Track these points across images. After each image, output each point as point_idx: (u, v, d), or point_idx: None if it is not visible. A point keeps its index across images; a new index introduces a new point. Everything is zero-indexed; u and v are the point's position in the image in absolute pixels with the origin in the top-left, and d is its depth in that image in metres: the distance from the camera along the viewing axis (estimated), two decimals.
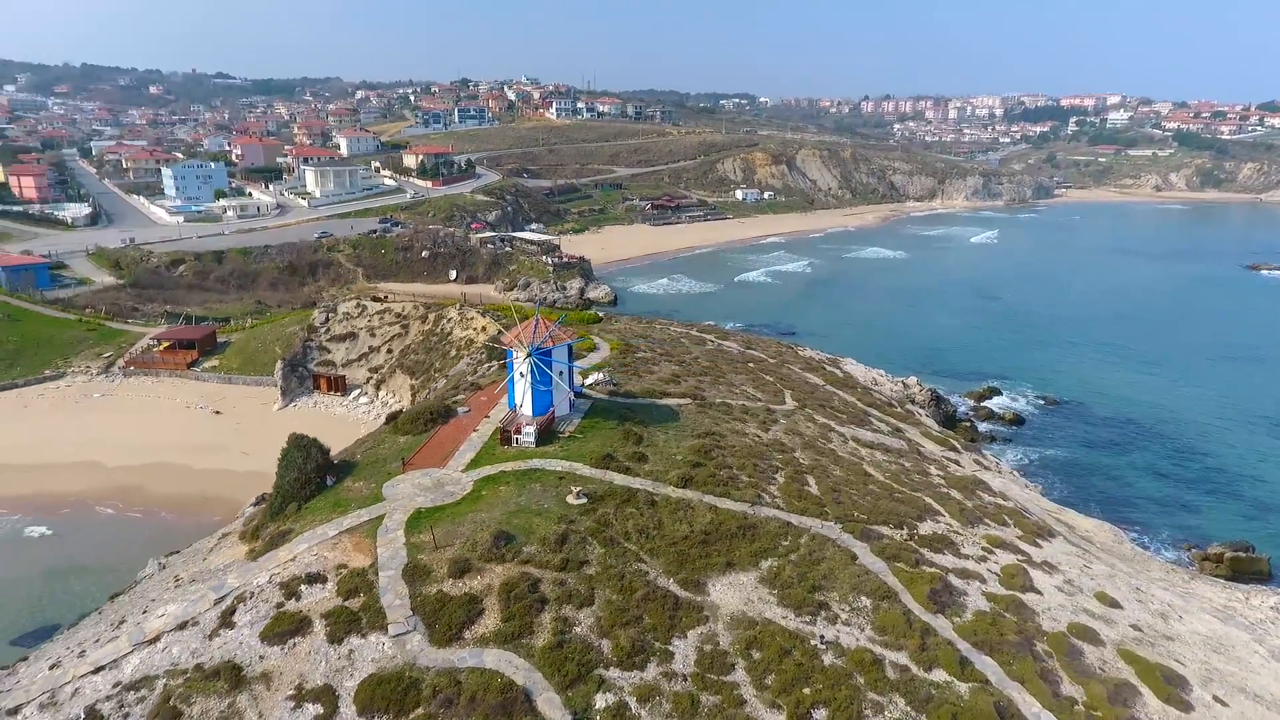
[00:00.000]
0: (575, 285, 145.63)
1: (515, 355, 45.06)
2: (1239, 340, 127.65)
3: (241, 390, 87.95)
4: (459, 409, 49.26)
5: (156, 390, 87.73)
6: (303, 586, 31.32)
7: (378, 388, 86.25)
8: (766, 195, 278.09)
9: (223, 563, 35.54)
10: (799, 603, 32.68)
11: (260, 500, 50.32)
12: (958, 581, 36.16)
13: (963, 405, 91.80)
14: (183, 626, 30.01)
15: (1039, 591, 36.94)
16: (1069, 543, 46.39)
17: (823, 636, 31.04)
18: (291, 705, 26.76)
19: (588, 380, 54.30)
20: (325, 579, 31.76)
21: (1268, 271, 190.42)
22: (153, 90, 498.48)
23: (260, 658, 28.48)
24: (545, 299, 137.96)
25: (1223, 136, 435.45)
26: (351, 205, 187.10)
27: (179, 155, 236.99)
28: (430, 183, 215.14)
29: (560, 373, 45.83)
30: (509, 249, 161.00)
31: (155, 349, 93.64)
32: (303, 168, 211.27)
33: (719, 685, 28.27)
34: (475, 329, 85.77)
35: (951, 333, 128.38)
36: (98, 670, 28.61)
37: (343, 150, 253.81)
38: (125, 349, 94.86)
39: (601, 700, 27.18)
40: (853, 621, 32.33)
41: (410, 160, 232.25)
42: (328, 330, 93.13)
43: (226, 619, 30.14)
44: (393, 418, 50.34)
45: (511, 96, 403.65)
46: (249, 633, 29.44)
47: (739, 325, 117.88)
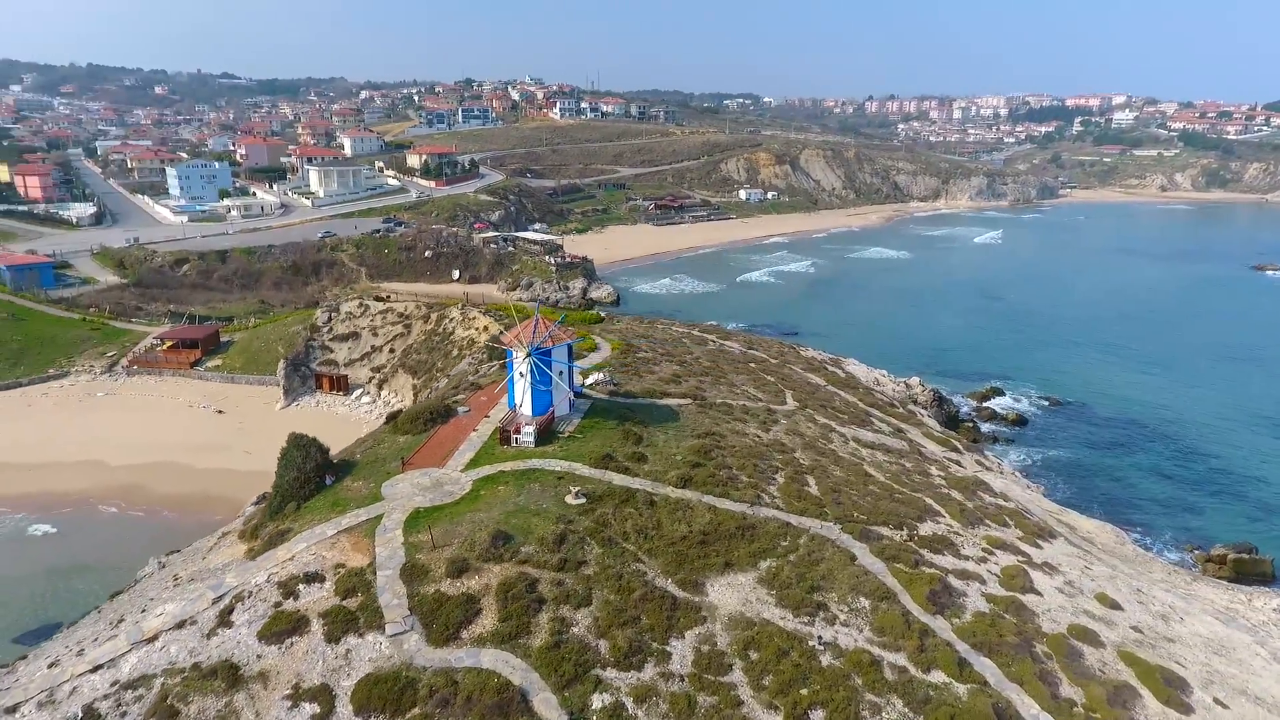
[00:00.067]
0: (578, 285, 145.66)
1: (515, 355, 45.06)
2: (1243, 341, 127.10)
3: (244, 389, 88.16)
4: (459, 409, 49.28)
5: (160, 389, 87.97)
6: (301, 586, 31.35)
7: (380, 387, 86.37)
8: (770, 195, 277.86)
9: (221, 562, 35.61)
10: (797, 603, 32.61)
11: (261, 499, 50.34)
12: (957, 582, 36.05)
13: (965, 406, 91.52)
14: (181, 625, 30.06)
15: (1039, 593, 36.81)
16: (1070, 544, 46.21)
17: (820, 637, 30.98)
18: (288, 705, 26.78)
19: (588, 380, 54.28)
20: (323, 578, 31.78)
21: (1273, 272, 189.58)
22: (158, 90, 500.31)
23: (258, 657, 28.52)
24: (548, 299, 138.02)
25: (1228, 136, 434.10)
26: (355, 205, 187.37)
27: (183, 155, 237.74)
28: (434, 183, 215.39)
29: (560, 373, 45.81)
30: (512, 249, 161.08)
31: (158, 348, 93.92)
32: (306, 168, 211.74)
33: (716, 686, 28.22)
34: (477, 329, 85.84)
35: (955, 333, 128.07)
36: (96, 669, 28.66)
37: (347, 150, 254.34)
38: (129, 348, 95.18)
39: (598, 700, 27.15)
40: (851, 622, 32.25)
41: (414, 160, 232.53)
42: (330, 330, 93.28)
43: (224, 618, 30.18)
44: (392, 417, 50.38)
45: (515, 96, 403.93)
46: (246, 632, 29.48)
47: (741, 325, 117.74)
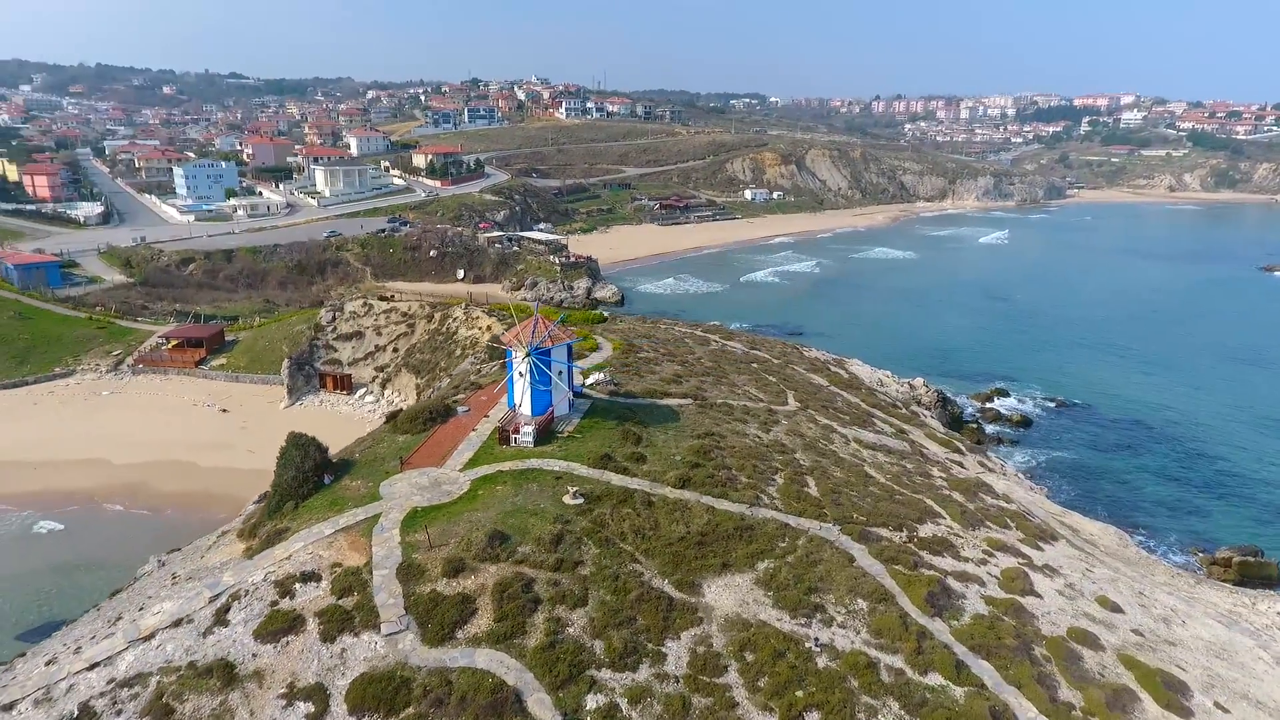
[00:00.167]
0: (582, 285, 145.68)
1: (514, 355, 45.04)
2: (1251, 343, 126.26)
3: (248, 388, 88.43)
4: (458, 408, 49.30)
5: (164, 388, 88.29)
6: (297, 585, 31.39)
7: (384, 386, 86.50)
8: (775, 195, 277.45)
9: (219, 561, 35.70)
10: (794, 605, 32.50)
11: (262, 498, 50.39)
12: (956, 584, 35.89)
13: (970, 407, 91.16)
14: (177, 624, 30.13)
15: (1039, 595, 36.62)
16: (1072, 546, 45.97)
17: (817, 639, 30.85)
18: (283, 704, 26.82)
19: (588, 380, 54.23)
20: (320, 577, 31.82)
21: None
22: (166, 90, 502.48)
23: (253, 656, 28.56)
24: (552, 298, 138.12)
25: (1238, 136, 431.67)
26: (361, 204, 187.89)
27: (190, 155, 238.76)
28: (439, 182, 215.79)
29: (559, 372, 45.77)
30: (516, 249, 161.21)
31: (164, 347, 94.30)
32: (313, 167, 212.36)
33: (711, 687, 28.14)
34: (480, 328, 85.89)
35: (960, 334, 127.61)
36: (93, 667, 28.75)
37: (353, 150, 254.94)
38: (134, 347, 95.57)
39: (592, 701, 27.10)
40: (848, 624, 32.12)
41: (419, 160, 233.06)
42: (334, 329, 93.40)
43: (221, 617, 30.25)
44: (392, 417, 50.45)
45: (521, 96, 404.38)
46: (243, 630, 29.53)
47: (745, 325, 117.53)
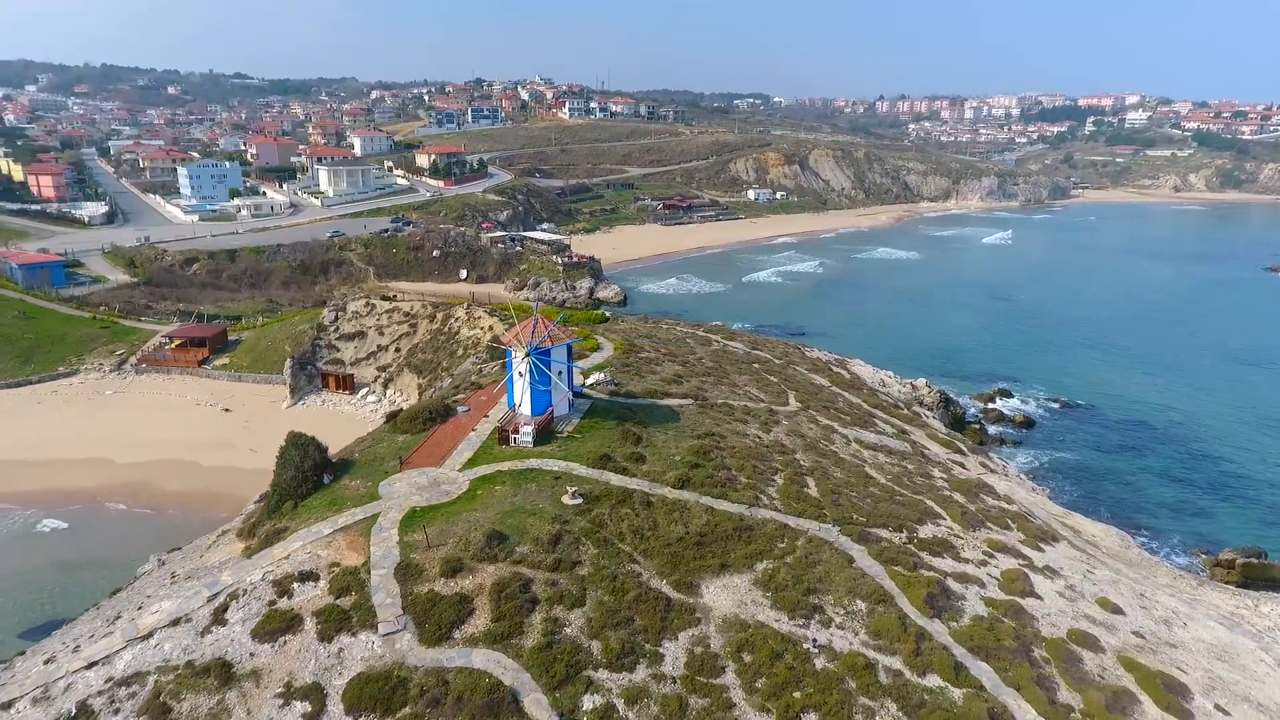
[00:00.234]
0: (585, 285, 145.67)
1: (514, 355, 45.02)
2: (1255, 344, 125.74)
3: (251, 388, 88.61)
4: (458, 408, 49.29)
5: (168, 387, 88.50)
6: (295, 584, 31.39)
7: (385, 386, 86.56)
8: (779, 195, 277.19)
9: (218, 560, 35.74)
10: (793, 605, 32.41)
11: (263, 498, 50.50)
12: (956, 586, 35.75)
13: (972, 407, 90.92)
14: (176, 623, 30.16)
15: (1039, 597, 36.47)
16: (1074, 547, 45.79)
17: (815, 640, 30.77)
18: (280, 703, 26.83)
19: (589, 380, 54.19)
20: (318, 577, 31.82)
21: None
22: (170, 90, 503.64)
23: (251, 655, 28.58)
24: (555, 299, 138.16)
25: (1243, 137, 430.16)
26: (364, 204, 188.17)
27: (195, 155, 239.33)
28: (443, 182, 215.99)
29: (559, 372, 45.74)
30: (519, 249, 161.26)
31: (167, 347, 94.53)
32: (316, 167, 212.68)
33: (708, 688, 28.08)
34: (482, 328, 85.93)
35: (963, 334, 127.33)
36: (91, 665, 28.79)
37: (356, 150, 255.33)
38: (138, 346, 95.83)
39: (589, 701, 27.05)
40: (847, 625, 32.03)
41: (423, 160, 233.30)
42: (337, 329, 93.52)
43: (219, 616, 30.26)
44: (392, 416, 50.47)
45: (525, 96, 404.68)
46: (240, 630, 29.54)
47: (748, 325, 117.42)
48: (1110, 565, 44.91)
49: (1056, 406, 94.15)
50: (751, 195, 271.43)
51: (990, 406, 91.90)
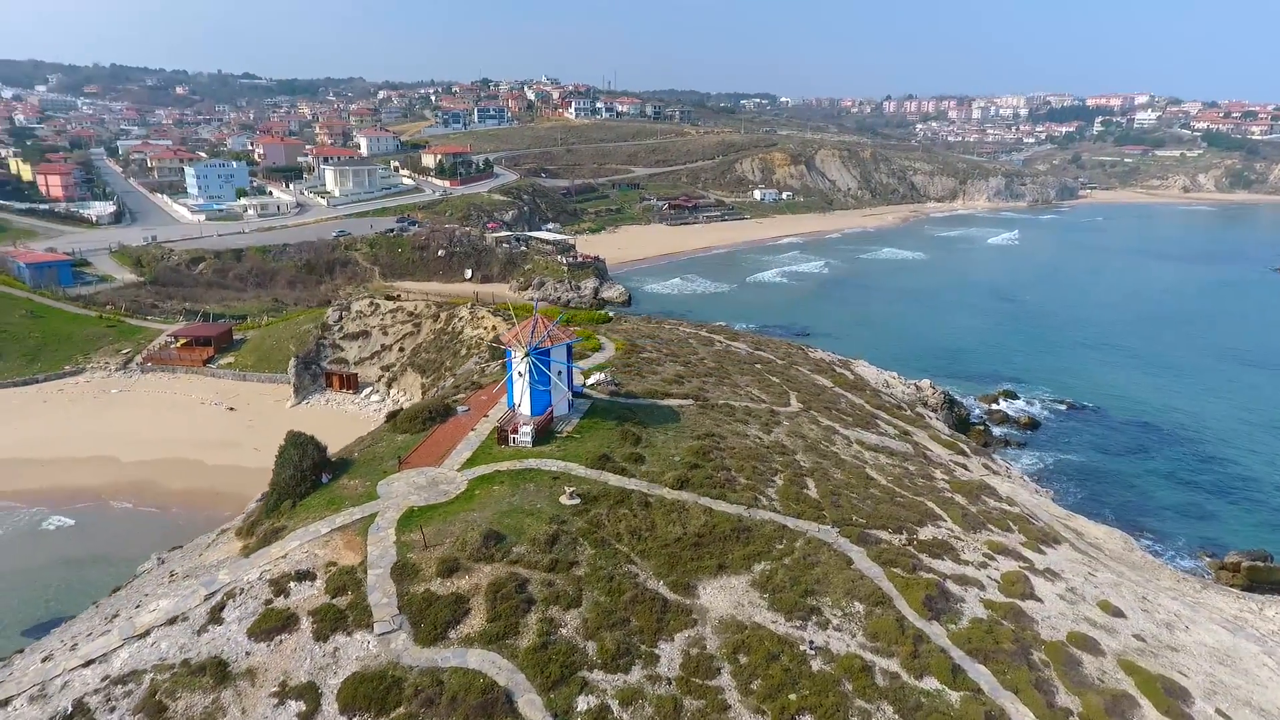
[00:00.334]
0: (589, 285, 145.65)
1: (514, 355, 45.00)
2: (1263, 345, 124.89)
3: (255, 387, 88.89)
4: (458, 408, 49.31)
5: (173, 386, 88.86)
6: (292, 584, 31.43)
7: (389, 385, 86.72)
8: (785, 195, 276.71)
9: (217, 559, 35.82)
10: (790, 607, 32.28)
11: (265, 497, 50.67)
12: (955, 588, 35.56)
13: (977, 408, 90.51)
14: (172, 621, 30.23)
15: (1039, 599, 36.24)
16: (1076, 550, 45.49)
17: (812, 642, 30.64)
18: (274, 702, 26.86)
19: (589, 380, 54.13)
20: (315, 576, 31.85)
21: None
22: (179, 90, 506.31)
23: (246, 654, 28.62)
24: (559, 299, 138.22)
25: (1253, 137, 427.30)
26: (370, 204, 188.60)
27: (202, 155, 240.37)
28: (448, 182, 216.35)
29: (559, 372, 45.70)
30: (524, 249, 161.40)
31: (172, 346, 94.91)
32: (323, 167, 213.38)
33: (703, 689, 27.98)
34: (486, 328, 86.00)
35: (968, 335, 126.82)
36: (88, 664, 28.87)
37: (363, 150, 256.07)
38: (143, 345, 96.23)
39: (583, 703, 26.99)
40: (844, 627, 31.89)
41: (429, 160, 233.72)
42: (341, 328, 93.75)
43: (216, 615, 30.32)
44: (392, 416, 50.51)
45: (531, 96, 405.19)
46: (237, 629, 29.59)
47: (752, 326, 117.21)
48: (1113, 568, 44.60)
49: (1062, 408, 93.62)
50: (757, 195, 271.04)
51: (995, 408, 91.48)
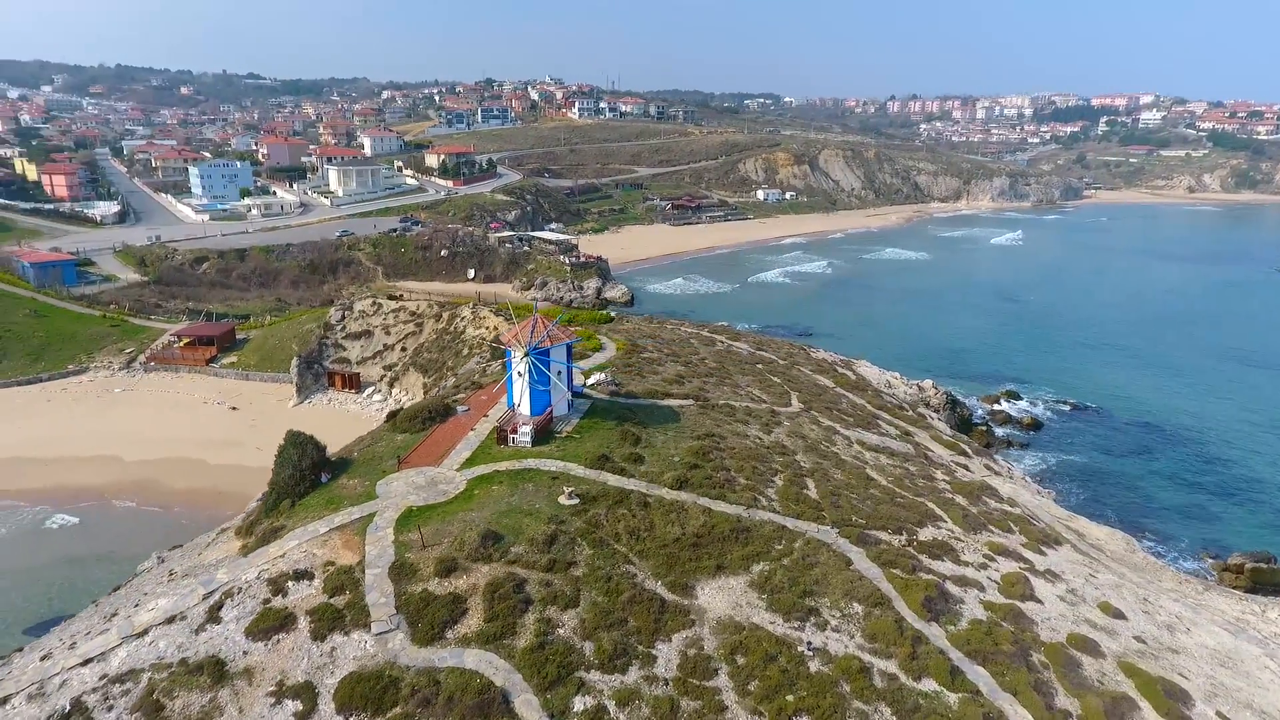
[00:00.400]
0: (592, 285, 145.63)
1: (513, 354, 44.99)
2: (1268, 346, 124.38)
3: (258, 386, 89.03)
4: (458, 408, 49.32)
5: (176, 386, 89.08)
6: (290, 583, 31.44)
7: (391, 385, 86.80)
8: (788, 195, 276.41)
9: (216, 558, 35.86)
10: (788, 608, 32.19)
11: (265, 497, 50.73)
12: (955, 589, 35.45)
13: (979, 409, 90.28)
14: (170, 620, 30.26)
15: (1040, 601, 36.10)
16: (1077, 551, 45.32)
17: (810, 643, 30.56)
18: (271, 701, 26.86)
19: (589, 380, 54.09)
20: (312, 576, 31.86)
21: None
22: (184, 91, 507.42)
23: (244, 653, 28.64)
24: (562, 298, 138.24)
25: (1259, 137, 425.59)
26: (373, 204, 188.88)
27: (207, 155, 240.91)
28: (451, 182, 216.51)
29: (558, 372, 45.67)
30: (527, 248, 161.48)
31: (175, 345, 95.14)
32: (326, 167, 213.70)
33: (700, 690, 27.92)
34: (488, 328, 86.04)
35: (971, 335, 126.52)
36: (86, 662, 28.90)
37: (366, 150, 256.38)
38: (147, 345, 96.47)
39: (580, 703, 26.95)
40: (842, 628, 31.79)
41: (432, 160, 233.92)
42: (343, 328, 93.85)
43: (214, 614, 30.34)
44: (392, 416, 50.54)
45: (535, 96, 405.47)
46: (234, 628, 29.61)
47: (754, 326, 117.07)
48: (1114, 569, 44.42)
49: (1065, 408, 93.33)
50: (761, 195, 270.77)
51: (997, 408, 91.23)
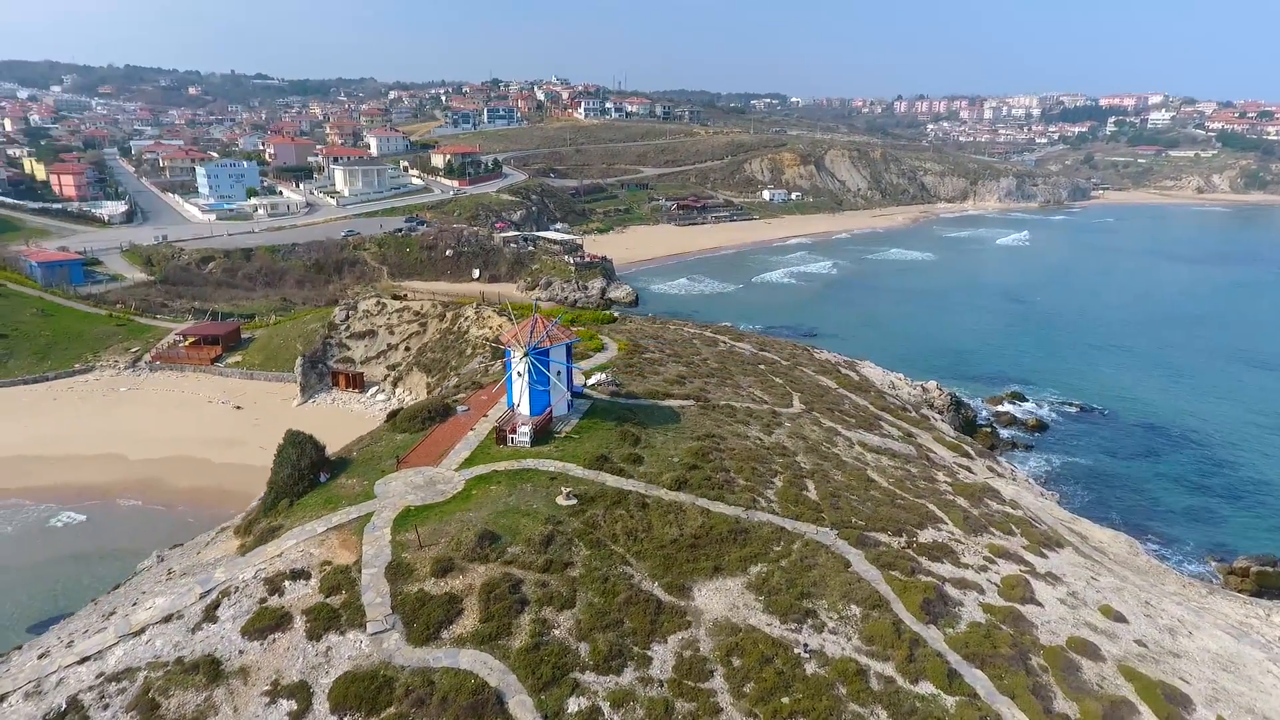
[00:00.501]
0: (597, 285, 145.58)
1: (513, 354, 44.97)
2: (1276, 347, 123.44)
3: (262, 386, 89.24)
4: (458, 407, 49.32)
5: (181, 385, 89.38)
6: (286, 582, 31.47)
7: (395, 385, 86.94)
8: (794, 196, 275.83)
9: (214, 557, 35.94)
10: (785, 610, 32.06)
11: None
12: (954, 591, 35.26)
13: (984, 410, 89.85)
14: (168, 619, 30.33)
15: (1040, 604, 35.89)
16: (1079, 554, 45.05)
17: (807, 645, 30.42)
18: (266, 701, 26.89)
19: (590, 380, 54.02)
20: (309, 575, 31.88)
21: None
22: (192, 91, 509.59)
23: (239, 652, 28.67)
24: (567, 298, 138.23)
25: (1269, 137, 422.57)
26: (379, 204, 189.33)
27: (214, 154, 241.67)
28: (457, 182, 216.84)
29: (558, 372, 45.63)
30: (532, 248, 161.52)
31: (181, 344, 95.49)
32: (332, 167, 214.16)
33: (695, 692, 27.82)
34: (491, 328, 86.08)
35: (976, 336, 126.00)
36: (83, 661, 28.98)
37: (373, 150, 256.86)
38: (152, 344, 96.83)
39: (574, 704, 26.89)
40: (840, 630, 31.65)
41: (438, 160, 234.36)
42: (348, 328, 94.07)
43: (210, 613, 30.39)
44: (392, 415, 50.58)
45: (541, 97, 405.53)
46: (231, 627, 29.65)
47: (758, 326, 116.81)
48: (1116, 572, 44.14)
49: (1071, 410, 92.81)
50: (766, 196, 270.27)
51: (1002, 409, 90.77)
